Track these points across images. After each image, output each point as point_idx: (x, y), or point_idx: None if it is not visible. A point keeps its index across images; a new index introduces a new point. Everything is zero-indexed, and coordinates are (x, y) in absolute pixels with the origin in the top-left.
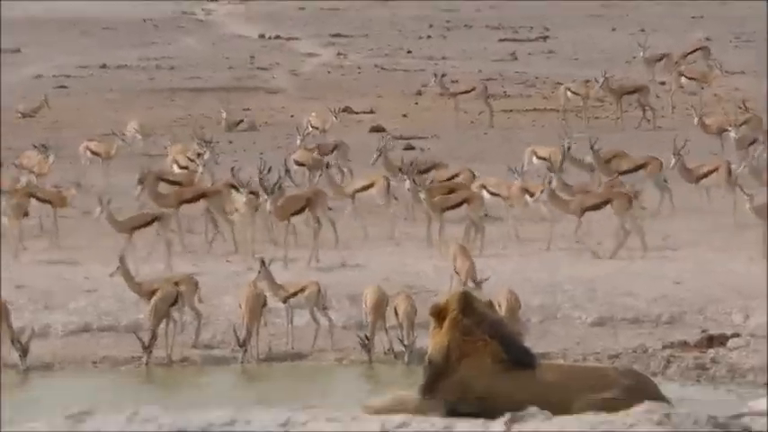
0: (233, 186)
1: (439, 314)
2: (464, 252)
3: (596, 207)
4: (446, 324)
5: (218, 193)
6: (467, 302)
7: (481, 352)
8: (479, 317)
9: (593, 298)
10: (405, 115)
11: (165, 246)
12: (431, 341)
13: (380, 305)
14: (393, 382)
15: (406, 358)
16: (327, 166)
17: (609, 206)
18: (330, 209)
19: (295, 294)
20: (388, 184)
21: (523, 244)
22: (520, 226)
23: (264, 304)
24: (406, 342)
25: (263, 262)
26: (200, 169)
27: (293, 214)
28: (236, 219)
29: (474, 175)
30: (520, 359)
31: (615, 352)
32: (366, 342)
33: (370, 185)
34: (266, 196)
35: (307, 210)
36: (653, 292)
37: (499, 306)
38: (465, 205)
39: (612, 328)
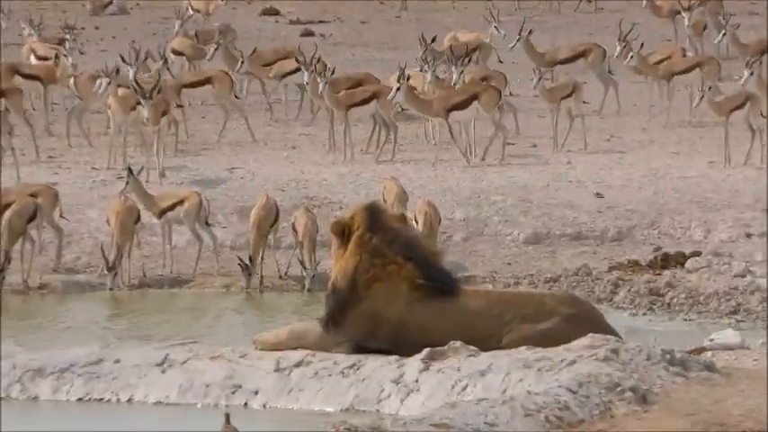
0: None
1: (343, 232)
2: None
3: (462, 106)
4: (351, 244)
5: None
6: (375, 217)
7: (394, 276)
8: (391, 234)
9: (527, 210)
10: None
11: (11, 149)
12: (334, 264)
13: (265, 220)
14: (290, 313)
15: (306, 284)
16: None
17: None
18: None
19: (172, 208)
20: (231, 81)
21: (444, 148)
22: (441, 126)
23: (137, 220)
24: (306, 265)
25: (129, 170)
26: (68, 60)
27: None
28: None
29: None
30: (440, 284)
31: (553, 274)
32: (246, 265)
33: (205, 81)
34: (142, 100)
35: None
36: (597, 203)
37: (415, 221)
38: (374, 102)
39: (550, 245)
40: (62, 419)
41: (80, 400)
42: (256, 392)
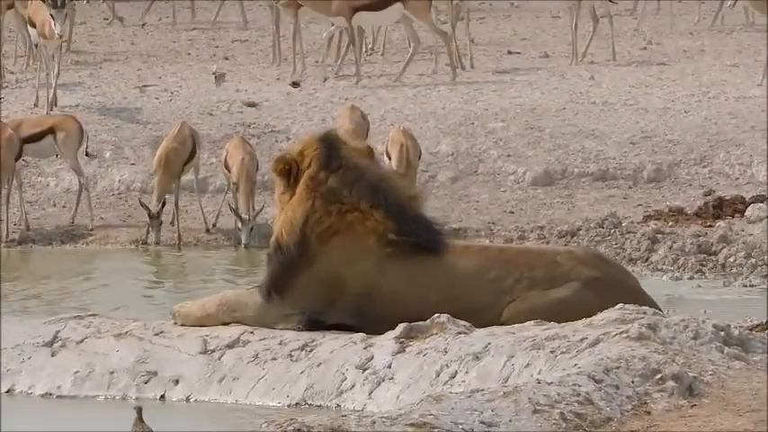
0: None
1: (289, 171)
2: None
3: (372, 7)
4: (301, 186)
5: None
6: (332, 150)
7: (357, 228)
8: (353, 173)
9: (536, 141)
10: None
11: None
12: (278, 214)
13: (176, 155)
14: (220, 277)
15: (242, 239)
16: None
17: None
18: None
19: (38, 138)
20: None
21: (425, 58)
22: (422, 31)
23: (19, 155)
24: (242, 214)
25: None
26: None
27: None
28: None
29: None
30: (419, 238)
31: (570, 226)
32: (156, 214)
33: None
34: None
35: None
36: (629, 131)
37: (387, 156)
38: None
39: (566, 188)
40: None
41: None
42: (177, 381)
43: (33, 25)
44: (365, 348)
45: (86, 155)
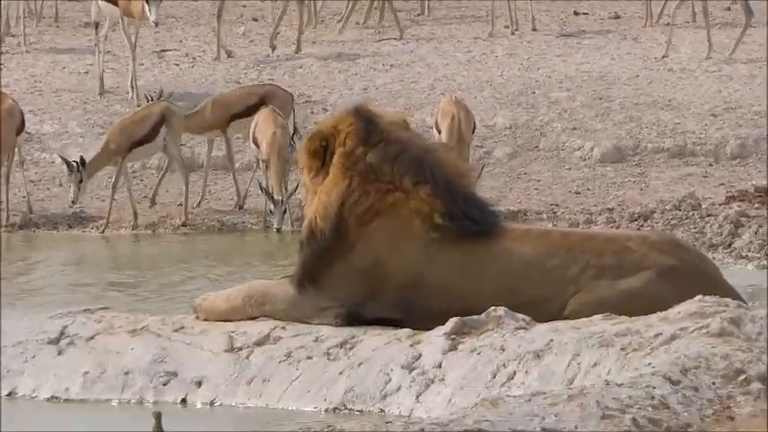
0: None
1: (323, 148)
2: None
3: None
4: (336, 164)
5: None
6: (370, 123)
7: (401, 209)
8: (395, 147)
9: (605, 113)
10: None
11: None
12: (309, 197)
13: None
14: (248, 264)
15: (275, 222)
16: None
17: None
18: None
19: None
20: None
21: (482, 21)
22: None
23: (21, 128)
24: (275, 194)
25: None
26: None
27: None
28: None
29: None
30: (470, 221)
31: (644, 208)
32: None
33: None
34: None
35: None
36: (710, 102)
37: (436, 128)
38: None
39: (638, 166)
40: None
41: None
42: (199, 383)
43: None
44: (412, 346)
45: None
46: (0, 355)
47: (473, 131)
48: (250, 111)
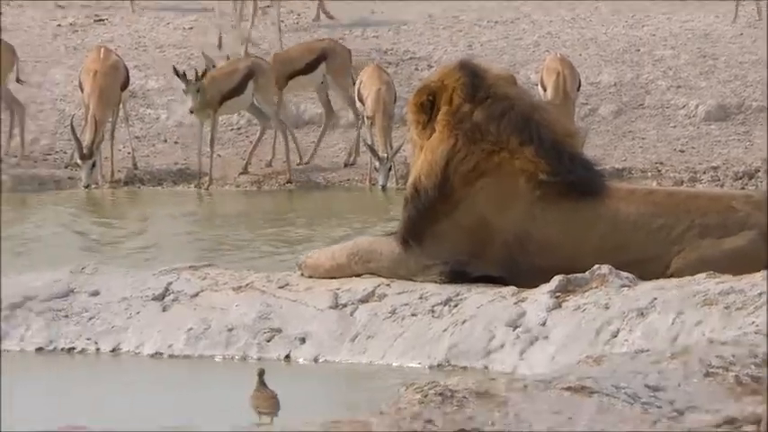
0: None
1: (430, 104)
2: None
3: None
4: (441, 121)
5: None
6: (476, 79)
7: (506, 168)
8: (501, 105)
9: (710, 70)
10: None
11: None
12: (416, 154)
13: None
14: (353, 221)
15: (380, 180)
16: None
17: None
18: None
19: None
20: None
21: None
22: None
23: (126, 84)
24: (380, 152)
25: None
26: None
27: None
28: None
29: None
30: (576, 179)
31: (748, 167)
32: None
33: None
34: None
35: None
36: None
37: (542, 86)
38: None
39: (743, 124)
40: (12, 379)
41: (40, 350)
42: (303, 340)
43: None
44: (516, 303)
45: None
46: (100, 312)
47: (578, 89)
48: (310, 67)
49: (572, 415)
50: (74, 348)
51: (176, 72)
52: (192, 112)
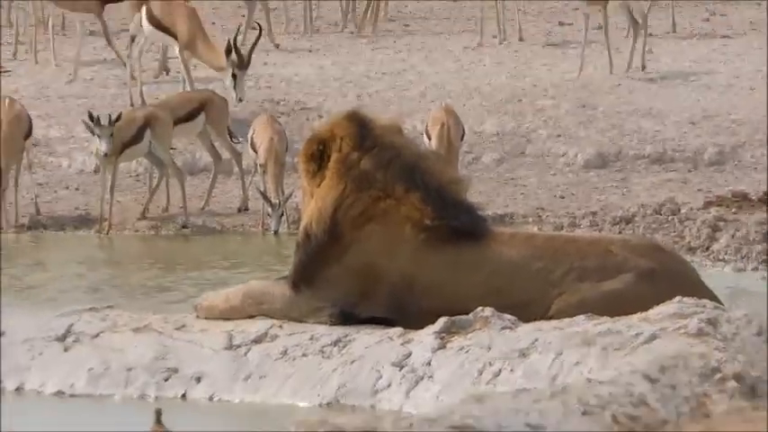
0: None
1: (320, 154)
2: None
3: None
4: (331, 169)
5: None
6: (364, 129)
7: (393, 214)
8: (388, 153)
9: (589, 120)
10: None
11: None
12: (306, 201)
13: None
14: (248, 265)
15: (272, 225)
16: None
17: None
18: None
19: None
20: None
21: (471, 30)
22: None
23: (29, 132)
24: (272, 198)
25: None
26: None
27: None
28: None
29: None
30: (459, 224)
31: (625, 213)
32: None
33: None
34: None
35: None
36: (689, 110)
37: (427, 135)
38: None
39: (620, 171)
40: None
41: None
42: (199, 379)
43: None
44: (402, 344)
45: None
46: (4, 352)
47: (462, 138)
48: (190, 116)
49: None
50: None
51: (91, 116)
52: (105, 155)
